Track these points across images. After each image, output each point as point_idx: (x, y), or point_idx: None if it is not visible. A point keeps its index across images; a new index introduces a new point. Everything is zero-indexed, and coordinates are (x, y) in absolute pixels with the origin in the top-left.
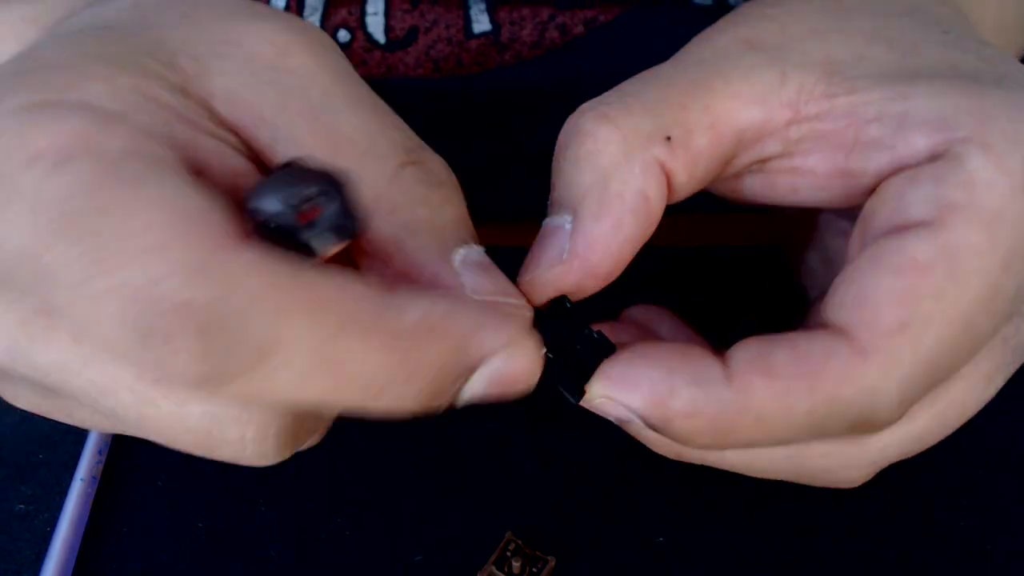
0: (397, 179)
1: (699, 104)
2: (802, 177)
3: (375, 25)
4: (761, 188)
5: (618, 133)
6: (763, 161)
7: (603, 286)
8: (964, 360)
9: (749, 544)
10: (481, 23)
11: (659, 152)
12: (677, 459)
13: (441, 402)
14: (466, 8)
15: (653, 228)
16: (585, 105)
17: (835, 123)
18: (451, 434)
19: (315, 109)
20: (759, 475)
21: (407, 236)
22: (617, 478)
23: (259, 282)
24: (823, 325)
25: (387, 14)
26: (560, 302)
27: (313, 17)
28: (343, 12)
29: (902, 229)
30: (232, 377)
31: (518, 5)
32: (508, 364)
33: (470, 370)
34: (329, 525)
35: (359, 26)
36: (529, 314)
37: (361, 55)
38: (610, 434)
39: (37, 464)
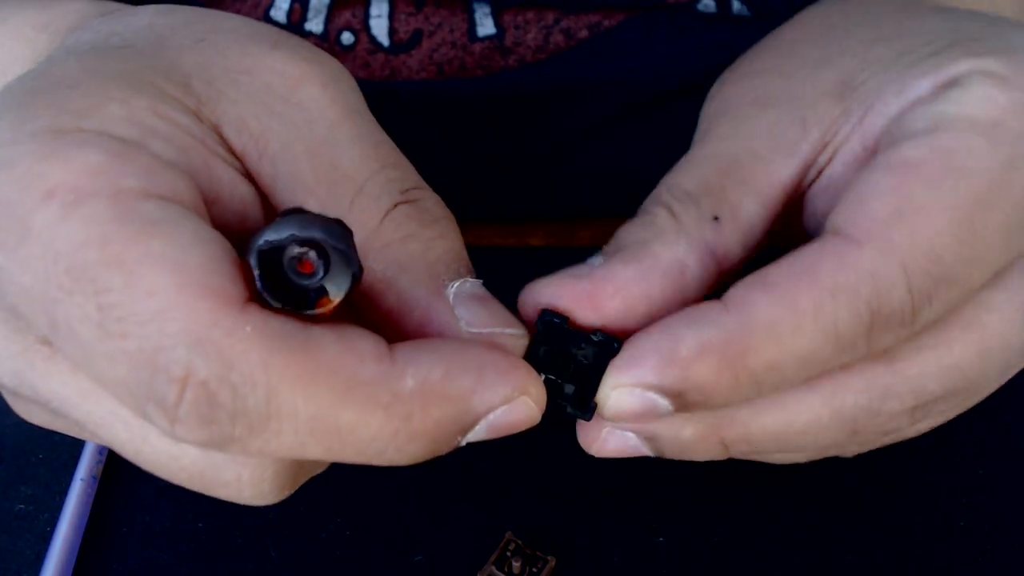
0: (390, 218)
1: (736, 181)
2: (838, 183)
3: (379, 28)
4: (810, 216)
5: (672, 218)
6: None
7: (601, 323)
8: (982, 270)
9: (749, 544)
10: (485, 26)
11: (708, 234)
12: (724, 455)
13: (441, 452)
14: (470, 11)
15: (682, 302)
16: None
17: (854, 127)
18: None
19: (318, 145)
20: (810, 449)
21: (399, 273)
22: (617, 478)
23: (259, 355)
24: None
25: (391, 17)
26: (550, 320)
27: (317, 19)
28: (347, 14)
29: (898, 140)
30: (231, 442)
31: (523, 9)
32: (509, 415)
33: (471, 426)
34: (329, 525)
35: (363, 28)
36: (526, 342)
37: (364, 58)
38: None
39: (37, 464)
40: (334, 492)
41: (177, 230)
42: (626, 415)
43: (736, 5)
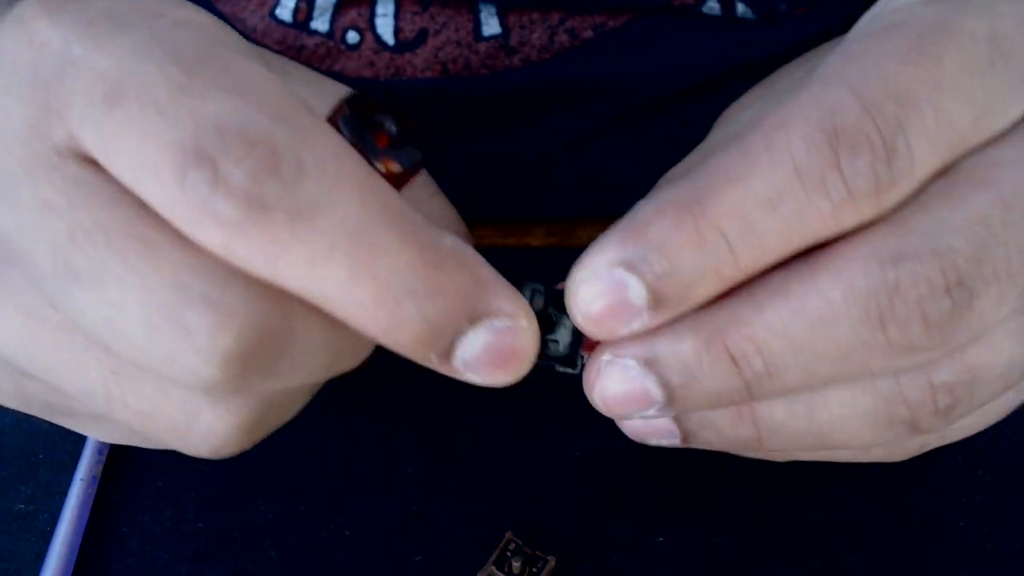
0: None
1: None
2: None
3: (384, 27)
4: None
5: None
6: None
7: None
8: (955, 98)
9: (749, 544)
10: (491, 26)
11: None
12: (741, 382)
13: (437, 347)
14: (476, 11)
15: None
16: None
17: None
18: (451, 434)
19: None
20: (837, 357)
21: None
22: (617, 478)
23: (334, 149)
24: None
25: (397, 16)
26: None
27: (323, 18)
28: (352, 13)
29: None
30: (262, 224)
31: (528, 9)
32: (509, 331)
33: (476, 317)
34: (329, 525)
35: (368, 27)
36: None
37: (369, 56)
38: (610, 433)
39: (37, 464)
40: (334, 492)
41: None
42: (597, 308)
43: (740, 8)
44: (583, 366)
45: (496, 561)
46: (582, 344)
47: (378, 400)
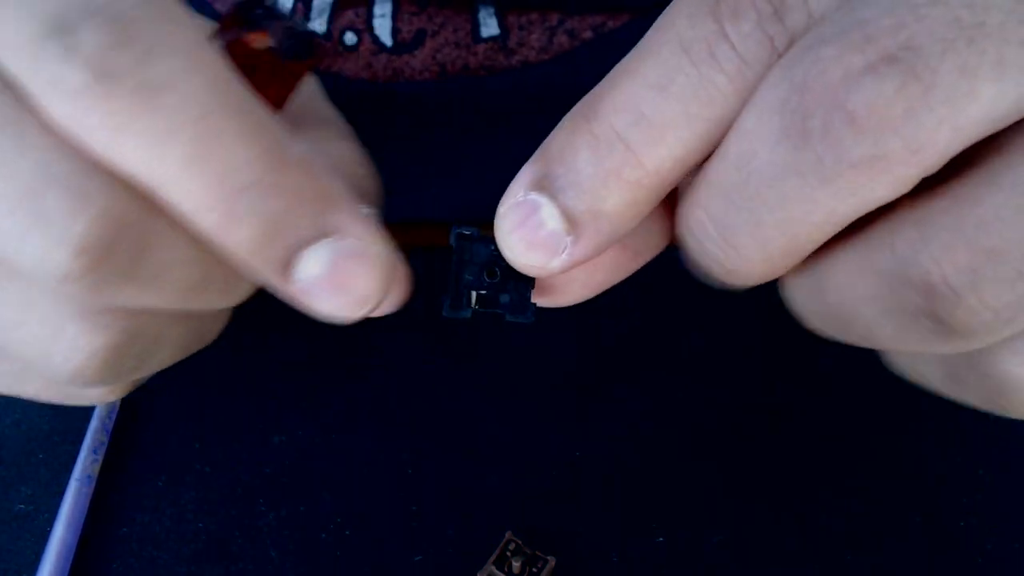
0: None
1: None
2: None
3: (382, 28)
4: None
5: None
6: None
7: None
8: None
9: (749, 544)
10: (489, 27)
11: None
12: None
13: (274, 255)
14: (474, 12)
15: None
16: None
17: None
18: (451, 434)
19: None
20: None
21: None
22: (617, 478)
23: (187, 34)
24: None
25: (394, 16)
26: (461, 233)
27: (320, 19)
28: (350, 14)
29: None
30: (117, 87)
31: (527, 9)
32: (357, 255)
33: (320, 232)
34: (329, 525)
35: (366, 28)
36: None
37: (367, 58)
38: (611, 433)
39: (37, 464)
40: (334, 492)
41: None
42: (518, 239)
43: None
44: (533, 314)
45: (496, 561)
46: (530, 291)
47: (378, 400)
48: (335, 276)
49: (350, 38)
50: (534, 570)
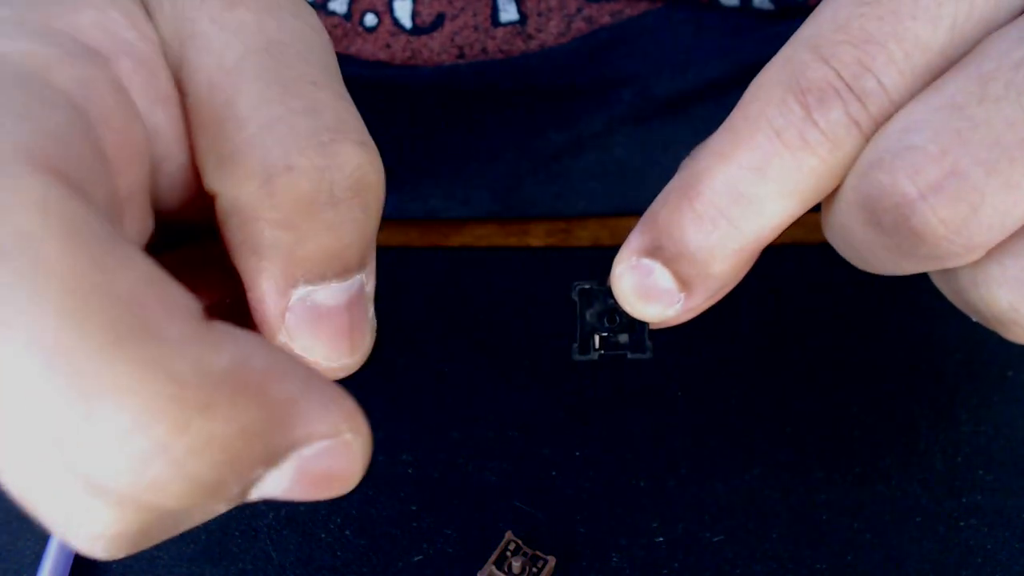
0: (269, 189)
1: None
2: None
3: (402, 10)
4: None
5: None
6: None
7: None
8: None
9: (749, 544)
10: (508, 12)
11: None
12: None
13: (227, 495)
14: None
15: None
16: None
17: None
18: (451, 434)
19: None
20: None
21: (250, 254)
22: (617, 478)
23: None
24: None
25: (415, 0)
26: (581, 287)
27: (341, 1)
28: None
29: None
30: None
31: None
32: (330, 456)
33: (281, 453)
34: (329, 525)
35: (387, 11)
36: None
37: (386, 39)
38: (611, 434)
39: None
40: None
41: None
42: (637, 297)
43: None
44: (650, 350)
45: (496, 561)
46: (647, 330)
47: (377, 400)
48: (305, 487)
49: (370, 19)
50: (534, 570)
